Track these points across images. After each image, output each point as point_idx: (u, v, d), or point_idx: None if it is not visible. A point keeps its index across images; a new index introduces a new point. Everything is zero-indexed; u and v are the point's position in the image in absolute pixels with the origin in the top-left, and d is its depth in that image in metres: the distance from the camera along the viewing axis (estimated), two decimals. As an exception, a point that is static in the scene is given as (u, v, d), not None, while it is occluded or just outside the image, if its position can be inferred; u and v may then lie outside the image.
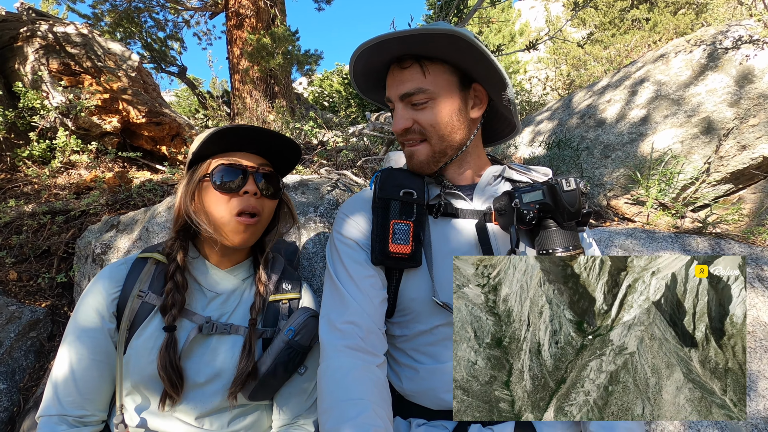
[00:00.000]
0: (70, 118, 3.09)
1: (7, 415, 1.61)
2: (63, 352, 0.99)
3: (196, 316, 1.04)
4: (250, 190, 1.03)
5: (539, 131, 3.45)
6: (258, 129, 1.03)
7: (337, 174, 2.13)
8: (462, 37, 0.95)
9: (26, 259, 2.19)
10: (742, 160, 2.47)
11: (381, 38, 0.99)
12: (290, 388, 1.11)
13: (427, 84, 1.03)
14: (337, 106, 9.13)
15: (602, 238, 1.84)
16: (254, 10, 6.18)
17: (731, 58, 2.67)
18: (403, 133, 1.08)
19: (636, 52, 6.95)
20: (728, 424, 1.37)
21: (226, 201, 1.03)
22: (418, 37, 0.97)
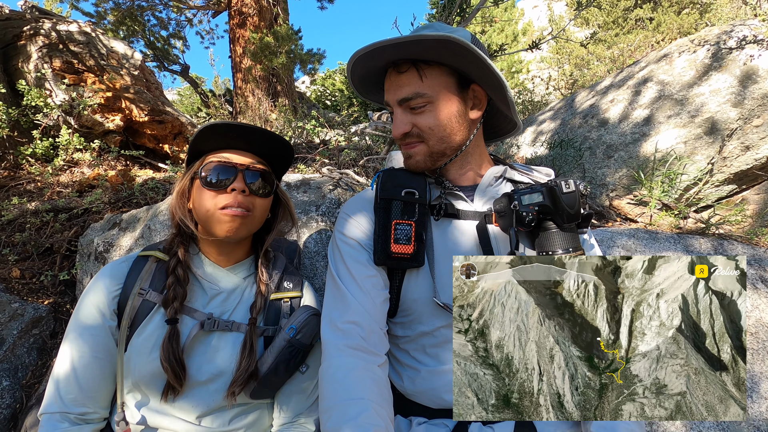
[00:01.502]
0: (73, 116, 3.09)
1: (9, 412, 1.62)
2: (64, 350, 1.00)
3: (198, 313, 1.04)
4: (238, 187, 1.03)
5: (542, 131, 3.44)
6: (249, 127, 1.03)
7: (339, 173, 2.13)
8: (456, 42, 0.95)
9: (29, 257, 2.19)
10: (745, 161, 2.46)
11: (376, 45, 0.99)
12: (291, 387, 1.11)
13: (425, 88, 1.03)
14: (340, 105, 9.13)
15: (604, 239, 1.84)
16: (257, 8, 6.18)
17: (735, 58, 2.65)
18: (403, 137, 1.09)
19: (639, 51, 6.92)
20: (730, 424, 1.36)
21: (213, 197, 1.03)
22: (412, 42, 0.96)
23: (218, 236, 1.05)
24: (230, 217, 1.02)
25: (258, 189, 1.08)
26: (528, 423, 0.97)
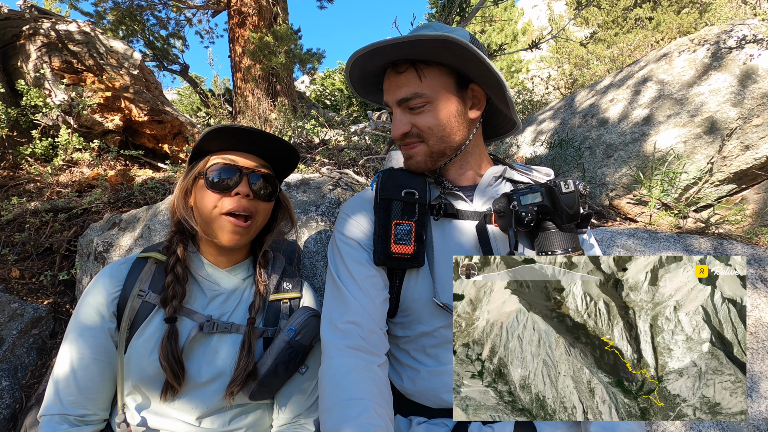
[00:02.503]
0: (72, 116, 3.09)
1: (9, 412, 1.62)
2: (64, 352, 0.99)
3: (197, 314, 1.04)
4: (242, 191, 1.03)
5: (541, 130, 3.44)
6: (257, 131, 1.03)
7: (339, 173, 2.13)
8: (454, 41, 0.95)
9: (28, 257, 2.19)
10: (745, 160, 2.46)
11: (374, 46, 0.98)
12: (291, 388, 1.11)
13: (424, 88, 1.03)
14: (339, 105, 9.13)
15: (604, 238, 1.84)
16: (256, 8, 6.18)
17: (735, 57, 2.65)
18: (402, 137, 1.08)
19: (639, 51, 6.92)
20: (730, 424, 1.36)
21: (217, 200, 1.03)
22: (410, 43, 0.96)
23: (219, 243, 1.05)
24: (233, 226, 1.02)
25: (262, 193, 1.07)
26: (528, 423, 0.97)
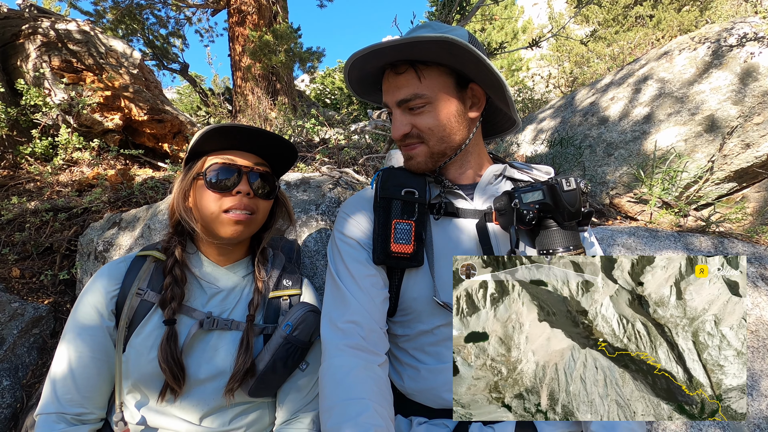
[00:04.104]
0: (72, 115, 3.09)
1: (10, 411, 1.62)
2: (62, 350, 0.99)
3: (196, 312, 1.04)
4: (243, 190, 1.03)
5: (542, 129, 3.44)
6: (254, 129, 1.02)
7: (339, 172, 2.13)
8: (453, 42, 0.94)
9: (29, 256, 2.19)
10: (746, 159, 2.46)
11: (373, 48, 0.98)
12: (291, 384, 1.11)
13: (423, 89, 1.02)
14: (339, 104, 9.12)
15: (604, 237, 1.83)
16: (256, 7, 6.17)
17: (736, 55, 2.64)
18: (402, 138, 1.08)
19: (639, 49, 6.91)
20: (730, 423, 1.36)
21: (218, 199, 1.02)
22: (409, 44, 0.96)
23: (222, 238, 1.05)
24: (235, 220, 1.02)
25: (261, 190, 1.07)
26: (528, 423, 0.97)
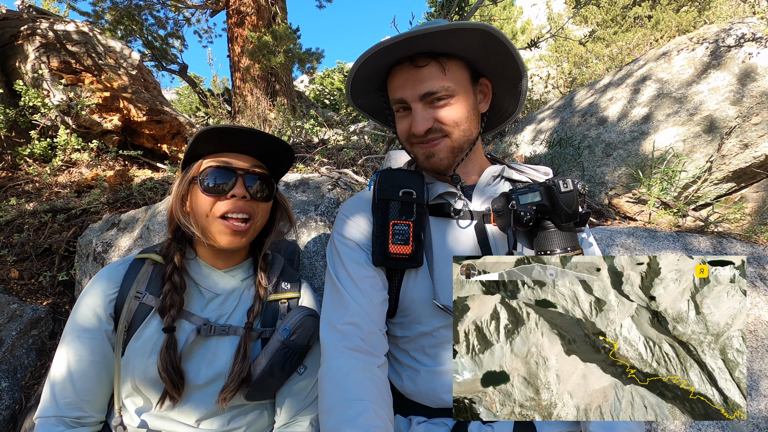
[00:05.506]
0: (70, 116, 3.08)
1: (9, 413, 1.62)
2: (61, 353, 0.99)
3: (195, 317, 1.04)
4: (238, 193, 1.02)
5: (541, 129, 3.44)
6: (249, 130, 1.01)
7: (338, 172, 2.13)
8: (492, 33, 0.94)
9: (27, 258, 2.19)
10: (744, 159, 2.46)
11: (406, 35, 0.93)
12: (289, 387, 1.11)
13: (448, 81, 1.01)
14: (338, 104, 9.11)
15: (603, 237, 1.83)
16: (255, 7, 6.16)
17: (734, 56, 2.65)
18: (426, 133, 1.04)
19: (638, 49, 6.91)
20: (729, 423, 1.36)
21: (213, 203, 1.02)
22: (445, 33, 0.94)
23: (218, 245, 1.04)
24: (231, 229, 1.02)
25: (258, 193, 1.06)
26: (528, 423, 0.97)
